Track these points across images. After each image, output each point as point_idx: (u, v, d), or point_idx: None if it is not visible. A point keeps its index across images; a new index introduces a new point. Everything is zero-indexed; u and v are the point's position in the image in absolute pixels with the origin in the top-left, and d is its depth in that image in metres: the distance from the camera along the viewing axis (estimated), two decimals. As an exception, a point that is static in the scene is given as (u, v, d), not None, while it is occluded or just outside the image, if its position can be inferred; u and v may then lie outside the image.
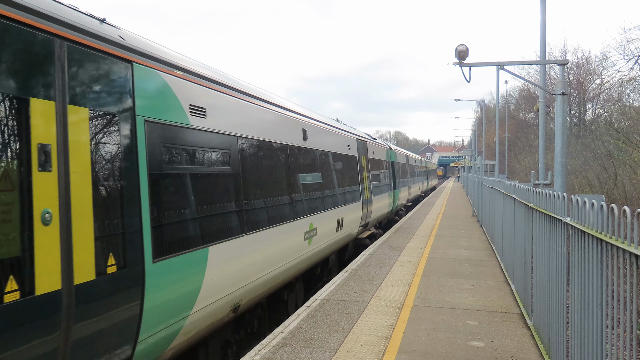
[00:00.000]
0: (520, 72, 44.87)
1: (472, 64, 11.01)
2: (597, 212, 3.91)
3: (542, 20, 13.79)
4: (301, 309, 8.39)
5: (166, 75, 5.55)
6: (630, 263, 3.27)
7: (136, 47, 5.18)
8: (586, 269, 4.25)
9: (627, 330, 3.32)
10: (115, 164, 4.65)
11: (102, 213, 4.39)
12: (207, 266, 6.03)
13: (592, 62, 41.38)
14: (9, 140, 3.62)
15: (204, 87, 6.43)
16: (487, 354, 6.41)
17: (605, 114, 37.72)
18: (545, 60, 15.64)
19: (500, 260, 12.12)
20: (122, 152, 4.71)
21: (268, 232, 7.87)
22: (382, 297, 9.12)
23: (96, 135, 4.43)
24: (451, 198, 40.24)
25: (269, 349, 6.51)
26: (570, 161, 24.01)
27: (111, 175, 4.59)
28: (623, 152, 21.18)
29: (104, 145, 4.50)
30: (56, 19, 4.09)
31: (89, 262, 4.21)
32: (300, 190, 9.77)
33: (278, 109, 9.35)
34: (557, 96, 10.33)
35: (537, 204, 6.53)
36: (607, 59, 35.53)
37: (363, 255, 13.53)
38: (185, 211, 5.68)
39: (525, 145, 47.22)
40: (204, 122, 6.25)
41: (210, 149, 6.45)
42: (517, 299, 8.78)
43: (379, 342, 6.81)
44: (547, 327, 5.99)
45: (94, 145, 4.37)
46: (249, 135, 7.57)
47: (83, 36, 4.34)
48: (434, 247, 15.00)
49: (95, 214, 4.29)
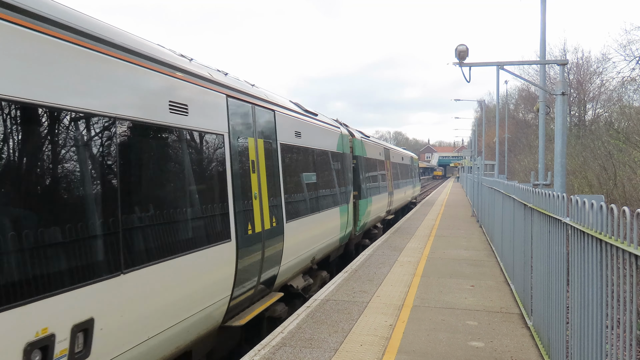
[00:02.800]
0: (520, 72, 44.85)
1: (472, 64, 11.01)
2: (597, 212, 3.91)
3: (542, 20, 13.80)
4: (301, 309, 8.39)
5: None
6: (630, 263, 3.27)
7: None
8: (586, 269, 4.25)
9: (627, 330, 3.32)
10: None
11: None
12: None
13: (592, 63, 41.39)
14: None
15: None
16: (486, 354, 6.41)
17: (606, 114, 37.75)
18: (545, 60, 15.64)
19: (500, 261, 12.12)
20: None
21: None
22: (381, 297, 9.12)
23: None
24: (451, 198, 40.23)
25: (268, 349, 6.51)
26: (570, 161, 24.01)
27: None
28: (623, 153, 21.18)
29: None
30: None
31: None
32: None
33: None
34: (557, 96, 10.33)
35: (537, 204, 6.53)
36: (607, 59, 35.49)
37: (363, 255, 13.52)
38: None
39: (525, 146, 47.22)
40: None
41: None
42: (517, 299, 8.78)
43: (378, 342, 6.81)
44: (547, 327, 5.99)
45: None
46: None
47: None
48: (434, 247, 15.00)
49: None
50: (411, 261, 12.65)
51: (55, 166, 4.08)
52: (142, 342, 4.92)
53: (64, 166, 4.17)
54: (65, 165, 4.19)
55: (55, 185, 4.06)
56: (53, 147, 4.07)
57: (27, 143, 3.84)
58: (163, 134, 5.50)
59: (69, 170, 4.22)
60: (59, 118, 4.11)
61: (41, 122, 3.97)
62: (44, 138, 4.00)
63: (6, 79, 3.64)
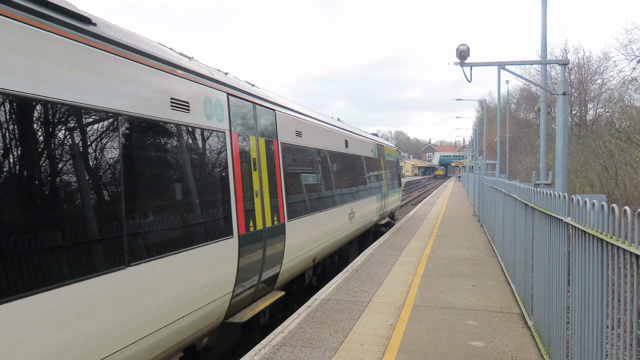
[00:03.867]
0: (522, 72, 44.83)
1: (473, 63, 11.00)
2: (598, 212, 3.90)
3: (543, 19, 13.77)
4: (301, 308, 8.38)
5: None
6: (631, 263, 3.26)
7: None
8: (586, 269, 4.24)
9: (627, 330, 3.31)
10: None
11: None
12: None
13: (594, 62, 41.38)
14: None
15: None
16: (487, 354, 6.40)
17: (607, 113, 37.70)
18: (546, 60, 15.61)
19: (501, 260, 12.11)
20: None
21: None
22: (382, 296, 9.11)
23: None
24: (452, 198, 40.21)
25: (268, 349, 6.51)
26: (571, 161, 23.98)
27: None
28: (624, 152, 21.16)
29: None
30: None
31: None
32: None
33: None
34: (558, 96, 10.31)
35: (538, 203, 6.52)
36: (608, 59, 35.51)
37: (364, 255, 13.52)
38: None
39: (527, 145, 47.21)
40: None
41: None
42: (518, 298, 8.76)
43: (379, 342, 6.80)
44: (547, 327, 5.98)
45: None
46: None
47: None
48: (435, 246, 14.99)
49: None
50: (412, 261, 12.64)
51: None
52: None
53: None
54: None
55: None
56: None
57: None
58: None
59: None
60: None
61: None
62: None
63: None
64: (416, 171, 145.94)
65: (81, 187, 4.22)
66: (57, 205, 3.95)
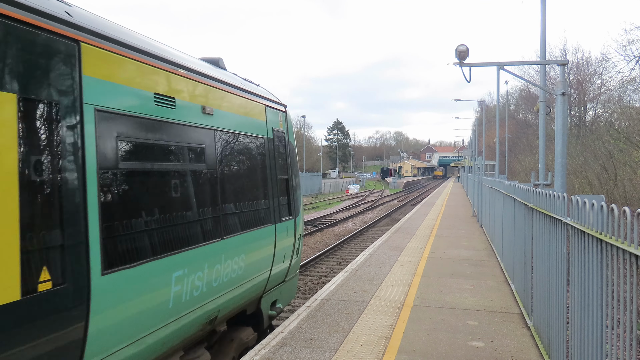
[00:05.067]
0: (521, 72, 44.85)
1: (472, 64, 11.00)
2: (597, 212, 3.91)
3: (543, 20, 13.79)
4: (301, 308, 8.38)
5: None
6: (630, 263, 3.27)
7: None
8: (586, 269, 4.25)
9: (627, 330, 3.31)
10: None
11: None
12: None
13: (593, 63, 41.40)
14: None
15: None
16: (487, 354, 6.41)
17: (606, 114, 37.72)
18: (545, 61, 15.63)
19: (501, 261, 12.12)
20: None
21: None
22: (382, 297, 9.12)
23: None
24: (451, 198, 40.23)
25: (268, 349, 6.51)
26: (570, 161, 23.99)
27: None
28: (623, 153, 21.16)
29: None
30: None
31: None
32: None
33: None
34: (557, 96, 10.32)
35: (537, 204, 6.53)
36: (607, 59, 35.51)
37: (363, 255, 13.53)
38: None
39: (526, 146, 47.20)
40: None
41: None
42: (517, 299, 8.77)
43: (378, 342, 6.81)
44: (547, 327, 5.99)
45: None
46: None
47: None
48: (434, 247, 15.00)
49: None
50: (412, 261, 12.65)
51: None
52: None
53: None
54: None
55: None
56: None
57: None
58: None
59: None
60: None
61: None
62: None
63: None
64: (415, 171, 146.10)
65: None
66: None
